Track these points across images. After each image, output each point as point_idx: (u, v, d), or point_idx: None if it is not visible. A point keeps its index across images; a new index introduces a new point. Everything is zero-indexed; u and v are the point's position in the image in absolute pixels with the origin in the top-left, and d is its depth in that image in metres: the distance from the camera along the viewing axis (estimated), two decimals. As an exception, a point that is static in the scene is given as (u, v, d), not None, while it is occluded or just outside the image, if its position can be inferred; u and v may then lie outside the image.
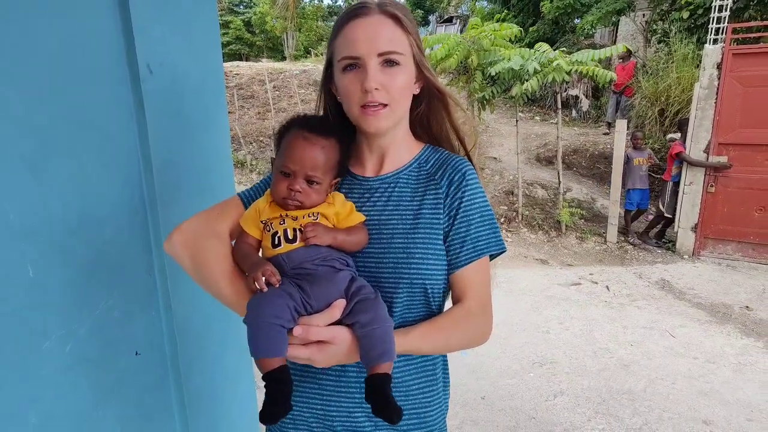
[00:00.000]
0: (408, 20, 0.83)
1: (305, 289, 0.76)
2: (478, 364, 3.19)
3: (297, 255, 0.79)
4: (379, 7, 0.82)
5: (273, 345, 0.72)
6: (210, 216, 0.89)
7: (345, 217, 0.84)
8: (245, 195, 0.94)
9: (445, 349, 0.87)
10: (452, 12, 19.35)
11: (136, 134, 1.05)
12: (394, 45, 0.80)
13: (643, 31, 10.46)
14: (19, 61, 0.83)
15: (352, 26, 0.81)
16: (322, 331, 0.74)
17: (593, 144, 8.61)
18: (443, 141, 0.97)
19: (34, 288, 0.87)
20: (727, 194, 5.39)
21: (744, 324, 3.90)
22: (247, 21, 23.58)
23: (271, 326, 0.72)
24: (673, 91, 7.63)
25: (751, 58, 5.15)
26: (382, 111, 0.81)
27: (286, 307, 0.73)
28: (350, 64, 0.81)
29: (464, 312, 0.86)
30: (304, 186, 0.82)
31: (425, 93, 0.92)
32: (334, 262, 0.80)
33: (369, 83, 0.79)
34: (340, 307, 0.77)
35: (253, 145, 9.28)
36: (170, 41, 1.12)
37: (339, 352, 0.75)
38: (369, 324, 0.75)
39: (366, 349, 0.74)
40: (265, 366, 0.72)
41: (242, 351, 1.47)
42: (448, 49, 5.72)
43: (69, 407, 0.95)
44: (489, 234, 0.88)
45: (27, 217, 0.85)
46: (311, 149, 0.82)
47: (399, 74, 0.81)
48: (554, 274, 5.13)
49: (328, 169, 0.84)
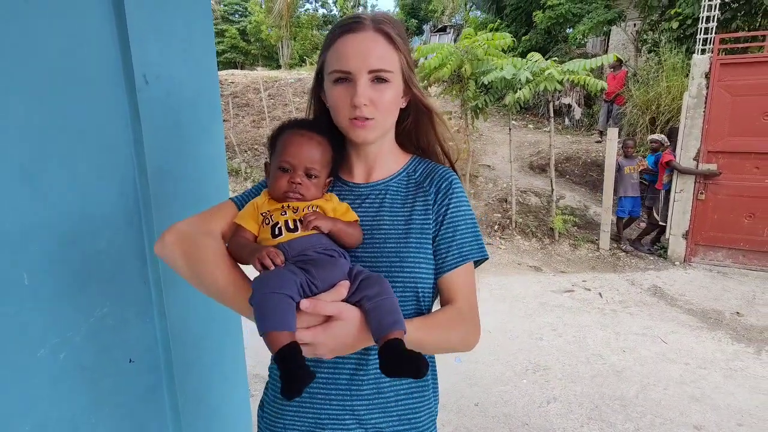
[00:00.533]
0: (399, 38, 0.85)
1: (310, 271, 0.75)
2: (471, 370, 3.20)
3: (298, 243, 0.80)
4: (373, 23, 0.84)
5: (281, 317, 0.69)
6: (203, 217, 0.90)
7: (341, 214, 0.87)
8: (238, 199, 0.95)
9: (442, 345, 0.86)
10: (446, 21, 19.54)
11: (132, 144, 1.07)
12: (384, 63, 0.83)
13: (634, 40, 10.62)
14: (17, 71, 0.85)
15: (344, 40, 0.83)
16: (330, 305, 0.73)
17: (586, 152, 8.70)
18: (430, 153, 1.00)
19: (30, 295, 0.88)
20: (717, 201, 5.47)
21: (735, 330, 3.94)
22: (243, 30, 23.67)
23: (278, 297, 0.70)
24: (663, 100, 7.74)
25: (739, 67, 5.25)
26: (368, 123, 0.84)
27: (292, 282, 0.72)
28: (341, 78, 0.83)
29: (457, 312, 0.87)
30: (304, 179, 0.85)
31: (412, 107, 0.94)
32: (334, 252, 0.81)
33: (358, 99, 0.81)
34: (345, 287, 0.76)
35: (248, 153, 9.29)
36: (166, 52, 1.14)
37: (348, 331, 0.73)
38: (377, 296, 0.75)
39: (377, 319, 0.73)
40: (275, 342, 0.68)
41: (236, 358, 1.48)
42: (442, 58, 5.78)
43: (63, 415, 0.95)
44: (472, 240, 0.91)
45: (22, 225, 0.86)
46: (308, 143, 0.86)
47: (387, 90, 0.84)
48: (547, 281, 5.16)
49: (325, 164, 0.88)
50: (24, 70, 0.86)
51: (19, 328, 0.87)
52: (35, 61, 0.87)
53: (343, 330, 0.73)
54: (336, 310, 0.73)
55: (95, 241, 1.01)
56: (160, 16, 1.11)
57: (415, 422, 0.91)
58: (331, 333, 0.72)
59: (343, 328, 0.73)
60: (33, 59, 0.87)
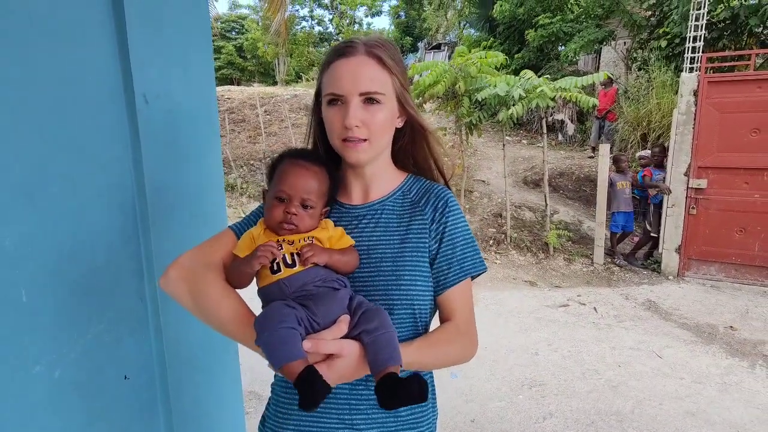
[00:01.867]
0: (392, 60, 0.88)
1: (310, 308, 0.78)
2: (467, 386, 3.19)
3: (297, 279, 0.81)
4: (366, 46, 0.87)
5: (291, 347, 0.72)
6: (203, 249, 0.91)
7: (337, 240, 0.88)
8: (237, 227, 0.97)
9: (441, 363, 0.89)
10: (440, 39, 19.86)
11: (131, 162, 1.09)
12: (375, 85, 0.86)
13: (624, 58, 10.84)
14: (22, 90, 0.87)
15: (338, 64, 0.86)
16: (331, 344, 0.76)
17: (579, 167, 8.79)
18: (425, 170, 1.03)
19: (28, 312, 0.89)
20: (709, 216, 5.53)
21: (729, 344, 3.95)
22: (239, 46, 23.93)
23: (284, 330, 0.73)
24: (654, 117, 7.88)
25: (726, 85, 5.36)
26: (361, 145, 0.87)
27: (293, 316, 0.75)
28: (333, 100, 0.86)
29: (455, 329, 0.90)
30: (300, 210, 0.86)
31: (408, 126, 0.97)
32: (333, 283, 0.83)
33: (349, 121, 0.84)
34: (345, 322, 0.79)
35: (244, 168, 9.31)
36: (166, 72, 1.16)
37: (348, 364, 0.76)
38: (375, 330, 0.77)
39: (374, 353, 0.76)
40: (292, 372, 0.71)
41: (231, 376, 1.48)
42: (436, 75, 5.87)
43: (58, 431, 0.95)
44: (472, 255, 0.93)
45: (22, 242, 0.87)
46: (305, 174, 0.88)
47: (379, 112, 0.87)
48: (542, 296, 5.17)
49: (321, 195, 0.89)
50: (28, 90, 0.88)
51: (15, 345, 0.87)
52: (39, 81, 0.90)
53: (346, 364, 0.76)
54: (337, 348, 0.76)
55: (93, 258, 1.02)
56: (160, 37, 1.14)
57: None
58: (335, 369, 0.75)
59: (345, 363, 0.76)
60: (37, 79, 0.89)
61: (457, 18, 17.64)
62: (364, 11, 26.53)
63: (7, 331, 0.86)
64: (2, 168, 0.84)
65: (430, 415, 0.95)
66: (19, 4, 0.85)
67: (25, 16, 0.86)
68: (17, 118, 0.86)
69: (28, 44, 0.88)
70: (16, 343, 0.87)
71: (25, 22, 0.87)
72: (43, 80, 0.90)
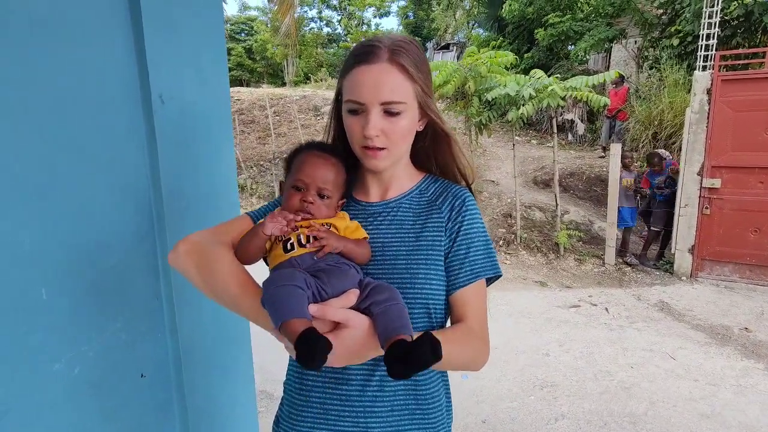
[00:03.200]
0: (414, 68, 0.85)
1: (321, 278, 0.76)
2: (478, 387, 3.17)
3: (310, 257, 0.81)
4: (389, 53, 0.83)
5: (296, 305, 0.69)
6: (217, 228, 0.91)
7: (352, 232, 0.88)
8: (254, 214, 0.97)
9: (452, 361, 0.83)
10: (449, 39, 19.82)
11: (148, 162, 1.10)
12: (396, 95, 0.83)
13: (635, 57, 10.73)
14: (41, 92, 0.88)
15: (359, 71, 0.84)
16: (338, 311, 0.73)
17: (589, 167, 8.72)
18: (446, 172, 1.01)
19: (47, 310, 0.90)
20: (722, 216, 5.45)
21: (744, 345, 3.90)
22: (249, 48, 24.09)
23: (291, 288, 0.71)
24: (665, 116, 7.79)
25: (740, 83, 5.29)
26: (380, 153, 0.86)
27: (302, 278, 0.73)
28: (354, 108, 0.85)
29: (467, 330, 0.87)
30: (316, 199, 0.86)
31: (429, 128, 0.95)
32: (344, 265, 0.82)
33: (369, 131, 0.83)
34: (355, 293, 0.77)
35: (254, 169, 9.37)
36: (181, 73, 1.17)
37: (357, 337, 0.73)
38: (385, 301, 0.75)
39: (384, 324, 0.72)
40: (293, 330, 0.67)
41: (245, 374, 1.49)
42: (446, 75, 5.86)
43: (75, 429, 0.96)
44: (485, 257, 0.92)
45: (40, 242, 0.89)
46: (323, 164, 0.88)
47: (400, 122, 0.85)
48: (553, 297, 5.13)
49: (338, 186, 0.89)
50: (47, 92, 0.89)
51: (37, 342, 0.89)
52: (58, 83, 0.91)
53: (352, 337, 0.72)
54: (344, 316, 0.73)
55: (110, 257, 1.03)
56: (176, 38, 1.15)
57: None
58: (341, 340, 0.71)
59: (352, 335, 0.72)
60: (57, 82, 0.90)
61: (465, 18, 17.60)
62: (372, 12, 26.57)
63: (27, 329, 0.87)
64: (21, 168, 0.85)
65: (444, 418, 0.94)
66: (38, 5, 0.87)
67: (44, 17, 0.88)
68: (36, 118, 0.87)
69: (50, 49, 0.89)
70: (36, 341, 0.89)
71: (44, 24, 0.88)
72: (61, 82, 0.91)
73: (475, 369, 0.89)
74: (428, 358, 0.65)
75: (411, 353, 0.65)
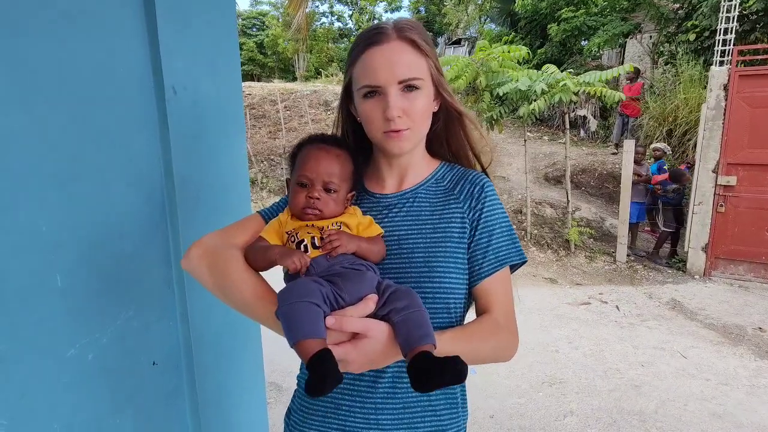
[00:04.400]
0: (425, 43, 0.84)
1: (337, 284, 0.74)
2: (486, 382, 3.17)
3: (324, 260, 0.78)
4: (397, 32, 0.82)
5: (311, 324, 0.67)
6: (228, 231, 0.89)
7: (365, 228, 0.86)
8: (265, 213, 0.95)
9: (477, 358, 0.82)
10: (461, 34, 19.66)
11: (160, 153, 1.11)
12: (413, 71, 0.81)
13: (650, 52, 10.56)
14: (57, 83, 0.89)
15: (370, 54, 0.82)
16: (356, 322, 0.70)
17: (601, 164, 8.62)
18: (461, 157, 0.98)
19: (62, 296, 0.92)
20: (737, 214, 5.36)
21: (757, 345, 3.84)
22: (260, 43, 24.13)
23: (306, 305, 0.68)
24: (680, 112, 7.67)
25: (758, 79, 5.18)
26: (404, 134, 0.83)
27: (318, 291, 0.70)
28: (371, 92, 0.82)
29: (492, 323, 0.85)
30: (323, 194, 0.83)
31: (442, 110, 0.92)
32: (361, 267, 0.79)
33: (391, 112, 0.80)
34: (373, 300, 0.74)
35: (264, 163, 9.42)
36: (194, 64, 1.18)
37: (376, 346, 0.70)
38: (406, 308, 0.72)
39: (406, 333, 0.70)
40: (307, 350, 0.65)
41: (254, 362, 1.50)
42: (458, 70, 5.82)
43: (88, 415, 0.98)
44: (509, 244, 0.89)
45: (56, 229, 0.90)
46: (327, 157, 0.85)
47: (419, 98, 0.83)
48: (563, 294, 5.10)
49: (344, 178, 0.86)
50: (62, 83, 0.90)
51: (52, 328, 0.90)
52: (73, 74, 0.92)
53: (373, 345, 0.70)
54: (362, 326, 0.70)
55: (123, 245, 1.04)
56: (189, 30, 1.16)
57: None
58: (361, 350, 0.70)
59: (372, 344, 0.70)
60: (71, 72, 0.92)
61: (477, 13, 17.44)
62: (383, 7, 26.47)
63: (44, 314, 0.89)
64: (38, 157, 0.87)
65: (460, 417, 0.92)
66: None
67: (60, 10, 0.89)
68: (52, 109, 0.89)
69: (63, 38, 0.90)
70: (53, 326, 0.90)
71: (60, 16, 0.89)
72: (76, 73, 0.92)
73: (503, 360, 0.87)
74: (453, 378, 0.64)
75: (436, 371, 0.64)
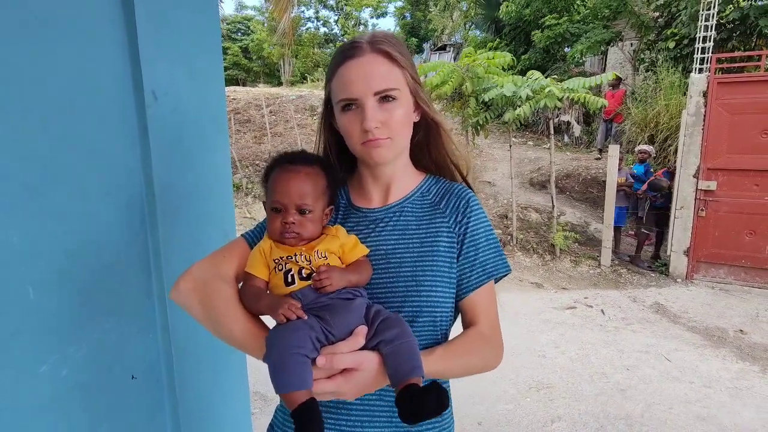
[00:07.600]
0: (400, 54, 0.84)
1: (325, 318, 0.74)
2: (474, 389, 3.16)
3: (312, 291, 0.78)
4: (371, 45, 0.83)
5: (298, 376, 0.68)
6: (214, 259, 0.88)
7: (350, 249, 0.84)
8: (249, 236, 0.93)
9: (464, 372, 0.84)
10: (446, 40, 19.83)
11: (140, 159, 1.08)
12: (389, 82, 0.82)
13: (631, 60, 10.77)
14: (32, 89, 0.86)
15: (346, 68, 0.82)
16: (347, 358, 0.71)
17: (585, 169, 8.74)
18: (443, 167, 0.98)
19: (34, 310, 0.88)
20: (718, 218, 5.47)
21: (739, 348, 3.90)
22: (245, 47, 24.02)
23: (294, 357, 0.69)
24: (661, 118, 7.82)
25: (736, 86, 5.31)
26: (383, 141, 0.83)
27: (307, 338, 0.70)
28: (348, 105, 0.83)
29: (478, 335, 0.86)
30: (297, 217, 0.81)
31: (423, 121, 0.93)
32: (349, 294, 0.79)
33: (368, 123, 0.80)
34: (362, 334, 0.75)
35: (249, 168, 9.33)
36: (175, 69, 1.15)
37: (367, 378, 0.73)
38: (395, 339, 0.73)
39: (394, 366, 0.72)
40: (292, 401, 0.67)
41: (238, 375, 1.46)
42: (444, 76, 5.86)
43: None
44: (495, 256, 0.90)
45: (29, 241, 0.86)
46: (296, 178, 0.83)
47: (396, 108, 0.83)
48: (549, 298, 5.13)
49: (318, 196, 0.84)
50: (38, 89, 0.87)
51: (22, 343, 0.86)
52: (48, 79, 0.89)
53: (365, 377, 0.72)
54: (354, 362, 0.72)
55: (101, 256, 1.00)
56: (169, 35, 1.13)
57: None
58: (353, 382, 0.72)
59: (363, 376, 0.72)
60: (46, 76, 0.88)
61: (462, 19, 17.62)
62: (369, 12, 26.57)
63: (13, 329, 0.85)
64: (10, 165, 0.83)
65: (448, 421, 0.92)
66: (31, 2, 0.84)
67: (37, 14, 0.85)
68: (26, 115, 0.86)
69: (37, 41, 0.87)
70: (22, 341, 0.86)
71: (35, 19, 0.86)
72: (51, 77, 0.89)
73: (488, 370, 0.88)
74: (434, 410, 0.66)
75: (418, 402, 0.67)
